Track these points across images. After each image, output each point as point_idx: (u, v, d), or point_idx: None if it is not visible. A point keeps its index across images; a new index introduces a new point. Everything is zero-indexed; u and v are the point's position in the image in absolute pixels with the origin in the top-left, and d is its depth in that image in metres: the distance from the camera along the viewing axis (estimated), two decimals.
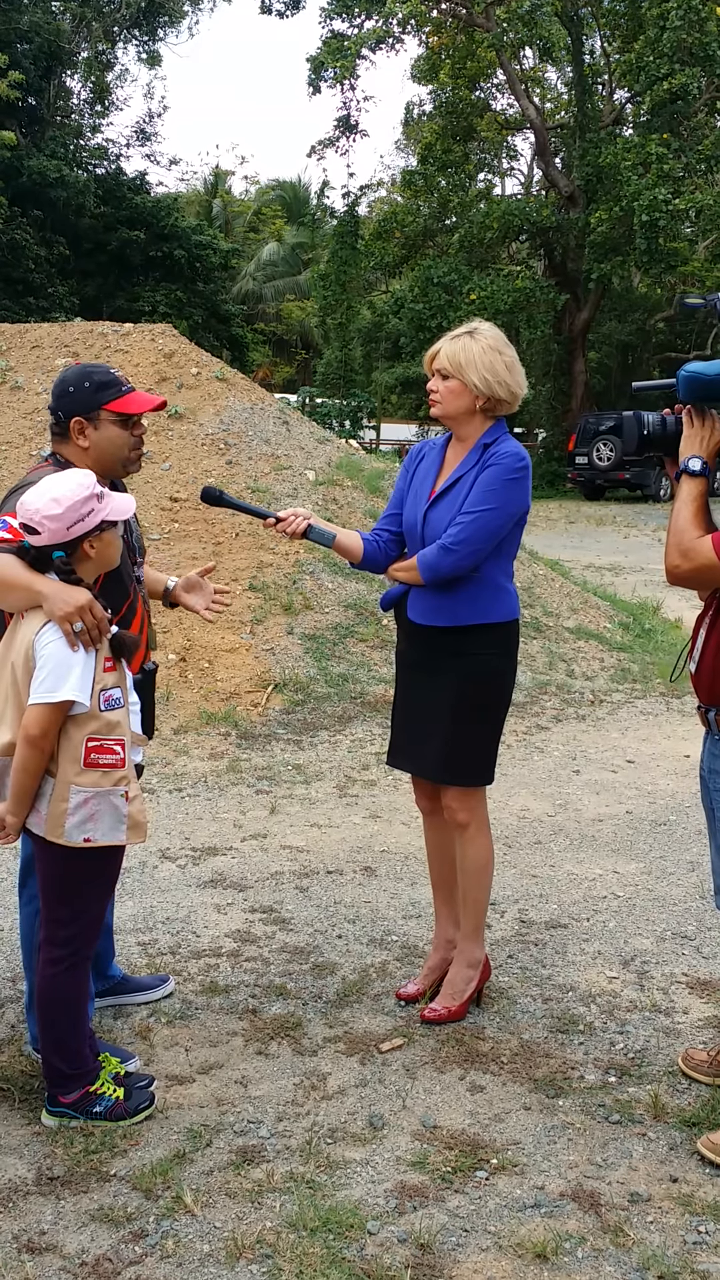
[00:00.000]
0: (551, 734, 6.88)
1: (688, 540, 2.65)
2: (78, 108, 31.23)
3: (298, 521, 3.37)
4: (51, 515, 2.67)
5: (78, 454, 2.99)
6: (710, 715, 2.81)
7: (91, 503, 2.70)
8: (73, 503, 2.67)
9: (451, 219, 29.05)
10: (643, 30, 23.92)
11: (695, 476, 2.72)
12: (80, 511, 2.68)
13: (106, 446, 3.00)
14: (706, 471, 2.73)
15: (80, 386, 2.96)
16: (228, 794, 5.62)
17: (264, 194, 47.84)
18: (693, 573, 2.67)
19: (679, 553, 2.67)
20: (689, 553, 2.65)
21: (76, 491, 2.68)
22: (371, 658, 7.50)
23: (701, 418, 2.75)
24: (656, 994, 3.70)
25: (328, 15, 26.27)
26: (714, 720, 2.80)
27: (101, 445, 2.99)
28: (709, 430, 2.74)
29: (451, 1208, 2.63)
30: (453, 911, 3.63)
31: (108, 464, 3.03)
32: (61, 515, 2.67)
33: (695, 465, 2.72)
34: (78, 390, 2.96)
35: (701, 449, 2.74)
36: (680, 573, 2.69)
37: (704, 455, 2.73)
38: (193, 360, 9.81)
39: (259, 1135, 2.89)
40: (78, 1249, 2.48)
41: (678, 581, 2.72)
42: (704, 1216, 2.62)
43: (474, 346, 3.27)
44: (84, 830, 2.74)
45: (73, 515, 2.68)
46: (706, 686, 2.80)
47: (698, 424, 2.75)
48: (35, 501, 2.69)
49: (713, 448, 2.75)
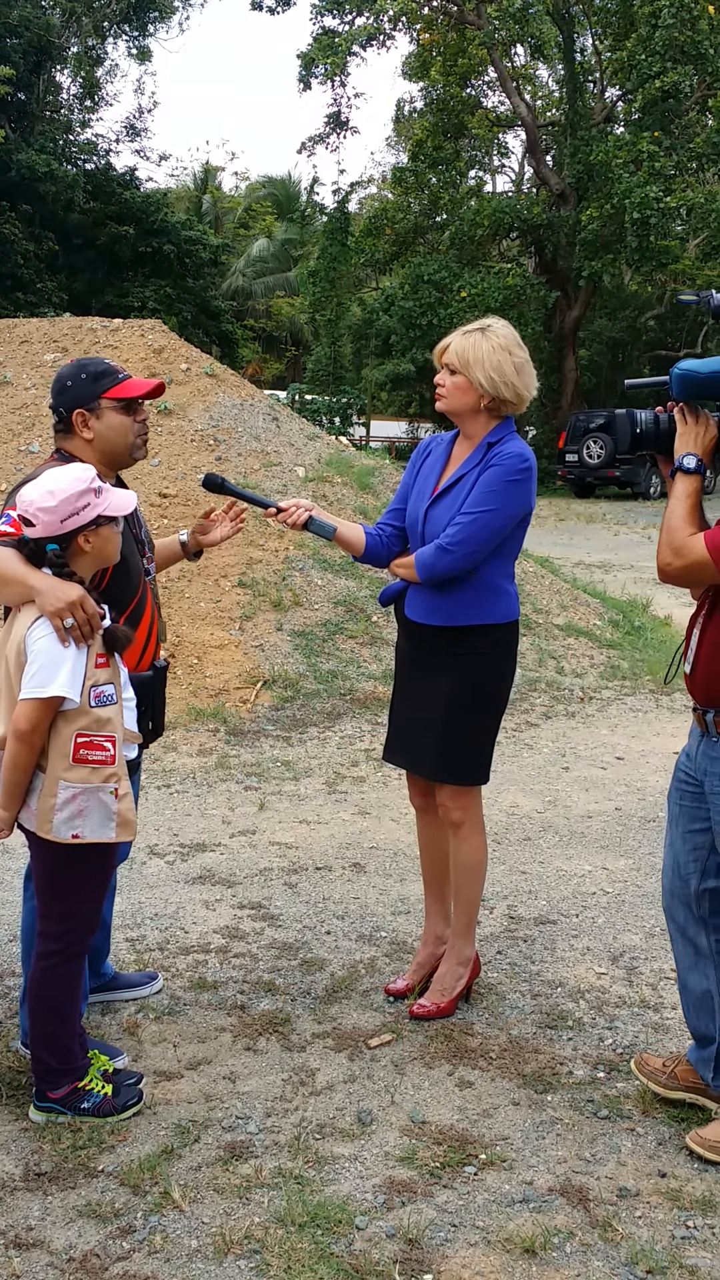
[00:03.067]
0: (541, 731, 6.89)
1: (680, 538, 2.64)
2: (67, 103, 31.15)
3: (299, 513, 3.35)
4: (45, 508, 2.66)
5: (83, 447, 3.00)
6: (709, 717, 2.76)
7: (88, 497, 2.69)
8: (67, 496, 2.66)
9: (442, 216, 29.03)
10: (634, 28, 23.94)
11: (690, 474, 2.71)
12: (75, 505, 2.67)
13: (111, 435, 3.01)
14: (702, 469, 2.72)
15: (78, 379, 2.98)
16: (216, 790, 5.62)
17: (254, 190, 47.77)
18: (684, 570, 2.65)
19: (671, 550, 2.66)
20: (681, 550, 2.64)
21: (72, 485, 2.68)
22: (361, 654, 7.49)
23: (695, 415, 2.74)
24: (645, 989, 3.70)
25: (319, 12, 26.23)
26: (712, 722, 2.75)
27: (106, 434, 3.00)
28: (703, 428, 2.74)
29: (440, 1203, 2.63)
30: (443, 908, 3.63)
31: (115, 453, 3.04)
32: (55, 508, 2.66)
33: (690, 463, 2.71)
34: (75, 383, 2.97)
35: (696, 446, 2.73)
36: (672, 570, 2.68)
37: (699, 453, 2.73)
38: (182, 356, 9.79)
39: (247, 1131, 2.89)
40: (65, 1245, 2.48)
41: (670, 579, 2.70)
42: (692, 1211, 2.63)
43: (484, 345, 3.24)
44: (72, 826, 2.73)
45: (67, 508, 2.67)
46: (703, 687, 2.77)
47: (691, 422, 2.74)
48: (31, 494, 2.69)
49: (708, 445, 2.74)
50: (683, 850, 2.90)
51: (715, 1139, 2.75)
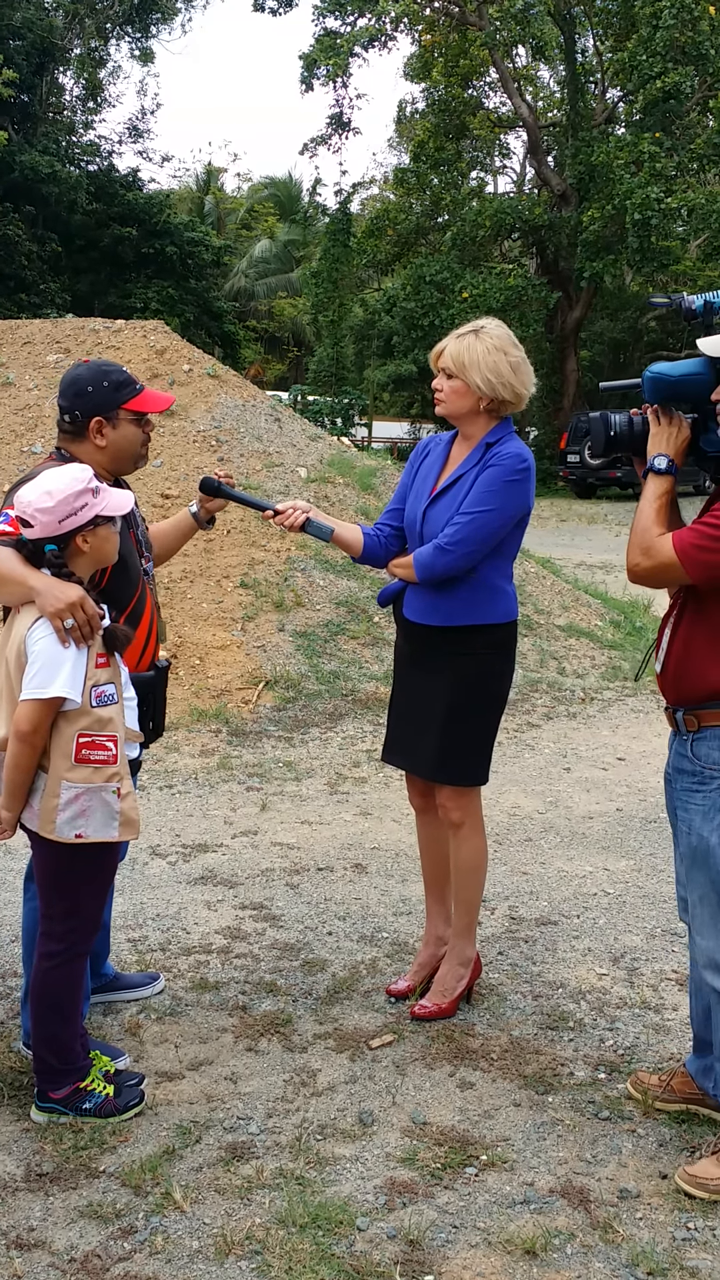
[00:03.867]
0: (542, 731, 6.89)
1: (649, 538, 2.66)
2: (70, 104, 31.20)
3: (296, 514, 3.35)
4: (43, 508, 2.66)
5: (92, 452, 3.00)
6: (678, 715, 2.78)
7: (85, 497, 2.69)
8: (65, 496, 2.67)
9: (444, 217, 29.04)
10: (635, 29, 23.94)
11: (661, 475, 2.73)
12: (73, 505, 2.67)
13: (123, 445, 3.02)
14: (673, 470, 2.74)
15: (99, 386, 2.96)
16: (218, 791, 5.62)
17: (256, 191, 47.82)
18: (653, 571, 2.66)
19: (640, 550, 2.67)
20: (650, 550, 2.65)
21: (70, 485, 2.68)
22: (363, 655, 7.50)
23: (669, 417, 2.77)
24: (646, 990, 3.70)
25: (320, 13, 26.27)
26: (681, 720, 2.77)
27: (118, 444, 3.01)
28: (675, 429, 2.76)
29: (441, 1204, 2.64)
30: (444, 909, 3.63)
31: (122, 461, 3.06)
32: (53, 508, 2.66)
33: (661, 464, 2.73)
34: (97, 390, 2.96)
35: (668, 447, 2.75)
36: (641, 571, 2.69)
37: (670, 454, 2.74)
38: (185, 357, 9.80)
39: (249, 1132, 2.89)
40: (66, 1245, 2.48)
41: (638, 580, 2.71)
42: (693, 1213, 2.62)
43: (479, 347, 3.24)
44: (75, 826, 2.73)
45: (65, 509, 2.67)
46: (672, 686, 2.79)
47: (664, 423, 2.77)
48: (28, 494, 2.69)
49: (679, 446, 2.76)
50: (678, 858, 2.90)
51: (704, 1176, 2.72)
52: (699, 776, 2.75)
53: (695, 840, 2.75)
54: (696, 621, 2.71)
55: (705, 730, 2.73)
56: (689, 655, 2.72)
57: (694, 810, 2.76)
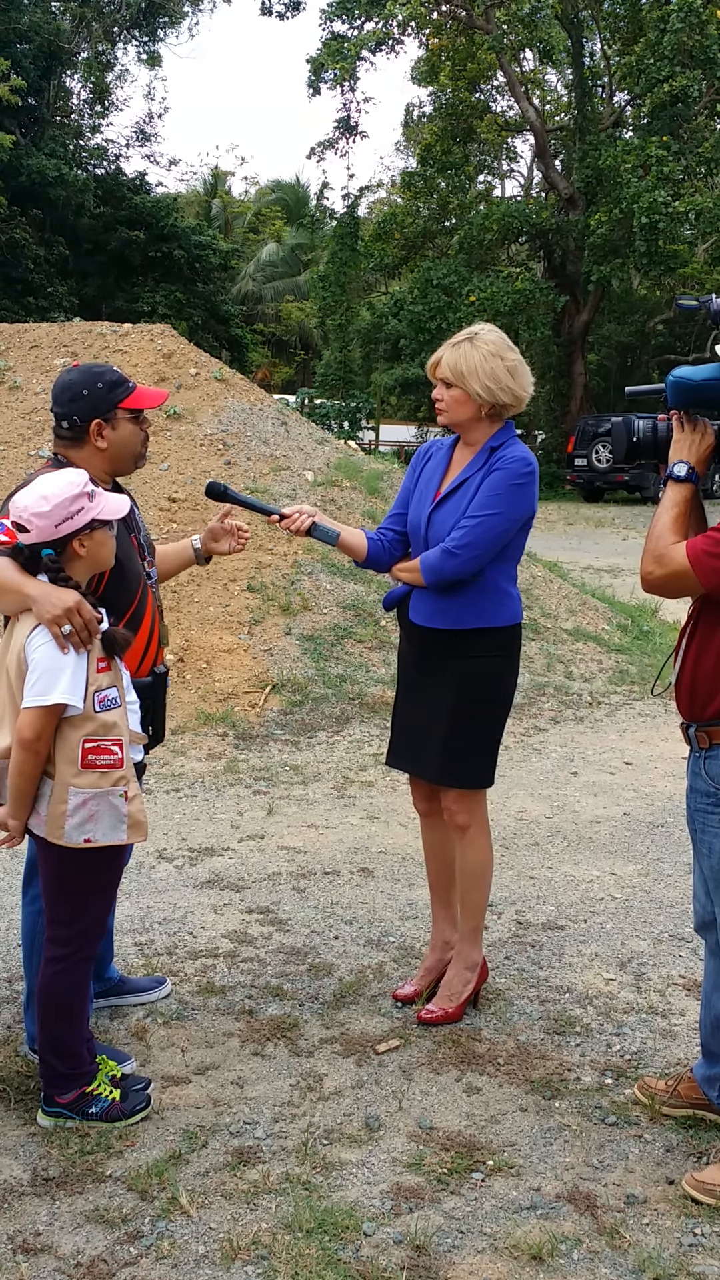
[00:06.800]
0: (549, 735, 6.88)
1: (662, 546, 2.60)
2: (77, 108, 31.24)
3: (302, 519, 3.35)
4: (39, 513, 2.66)
5: (93, 455, 2.99)
6: (691, 731, 2.73)
7: (81, 501, 2.69)
8: (61, 500, 2.67)
9: (451, 220, 29.05)
10: (643, 33, 23.93)
11: (680, 482, 2.67)
12: (69, 509, 2.68)
13: (123, 445, 3.02)
14: (694, 478, 2.68)
15: (94, 388, 2.95)
16: (225, 794, 5.62)
17: (263, 195, 47.82)
18: (665, 579, 2.60)
19: (653, 558, 2.62)
20: (662, 559, 2.59)
21: (66, 489, 2.68)
22: (369, 658, 7.49)
23: (692, 423, 2.72)
24: (653, 996, 3.70)
25: (328, 17, 26.26)
26: (694, 736, 2.72)
27: (119, 444, 3.01)
28: (699, 435, 2.71)
29: (447, 1209, 2.63)
30: (450, 913, 3.63)
31: (123, 462, 3.05)
32: (49, 513, 2.66)
33: (680, 471, 2.68)
34: (92, 392, 2.95)
35: (690, 454, 2.70)
36: (653, 579, 2.63)
37: (692, 461, 2.69)
38: (192, 361, 9.81)
39: (255, 1136, 2.89)
40: (73, 1250, 2.48)
41: (651, 589, 2.65)
42: (700, 1219, 2.62)
43: (474, 354, 3.24)
44: (84, 831, 2.74)
45: (61, 513, 2.67)
46: (685, 701, 2.73)
47: (687, 429, 2.71)
48: (24, 499, 2.69)
49: (702, 453, 2.71)
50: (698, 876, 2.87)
51: (712, 1182, 2.70)
52: (713, 797, 2.70)
53: (716, 862, 2.72)
54: (710, 633, 2.66)
55: (717, 748, 2.68)
56: (702, 668, 2.67)
57: (712, 832, 2.71)
